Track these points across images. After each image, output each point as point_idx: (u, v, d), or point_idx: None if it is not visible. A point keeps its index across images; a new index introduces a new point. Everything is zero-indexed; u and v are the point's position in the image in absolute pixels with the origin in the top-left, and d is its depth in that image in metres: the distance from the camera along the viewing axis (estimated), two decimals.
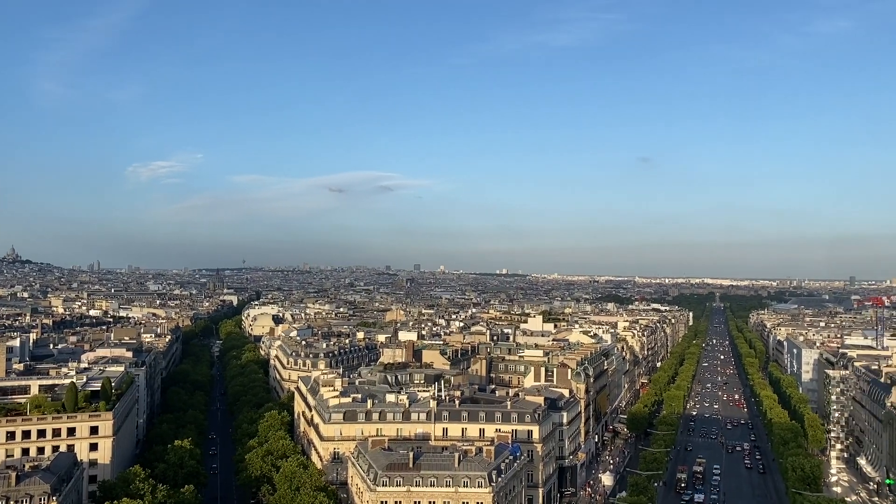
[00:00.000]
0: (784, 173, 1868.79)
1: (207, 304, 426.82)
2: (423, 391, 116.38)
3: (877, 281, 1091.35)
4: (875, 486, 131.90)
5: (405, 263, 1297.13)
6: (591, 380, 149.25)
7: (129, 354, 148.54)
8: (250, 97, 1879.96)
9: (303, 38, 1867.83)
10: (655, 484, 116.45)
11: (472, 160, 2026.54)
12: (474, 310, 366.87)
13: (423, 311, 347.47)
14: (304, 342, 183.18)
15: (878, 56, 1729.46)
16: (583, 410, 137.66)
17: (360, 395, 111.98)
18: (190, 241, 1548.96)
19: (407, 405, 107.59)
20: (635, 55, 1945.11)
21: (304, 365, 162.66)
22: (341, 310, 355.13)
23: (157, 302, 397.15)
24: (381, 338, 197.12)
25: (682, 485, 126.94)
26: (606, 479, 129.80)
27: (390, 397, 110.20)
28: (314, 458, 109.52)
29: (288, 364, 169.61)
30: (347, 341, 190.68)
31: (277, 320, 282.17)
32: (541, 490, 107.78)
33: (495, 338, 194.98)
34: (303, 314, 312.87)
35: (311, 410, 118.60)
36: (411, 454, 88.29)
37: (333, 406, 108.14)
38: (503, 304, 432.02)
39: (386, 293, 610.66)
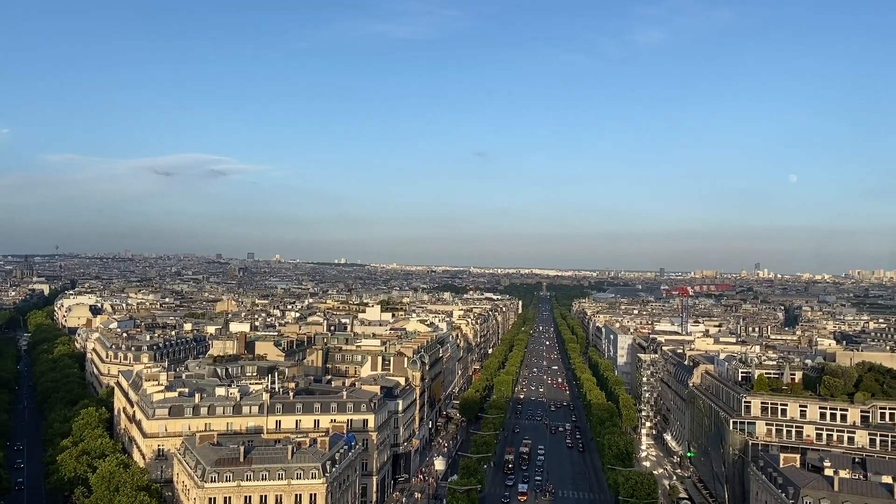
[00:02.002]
0: (604, 172, 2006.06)
1: (14, 293, 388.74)
2: (256, 384, 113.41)
3: (682, 272, 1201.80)
4: (678, 458, 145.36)
5: (238, 251, 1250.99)
6: (427, 367, 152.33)
7: None
8: (65, 70, 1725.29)
9: (126, 9, 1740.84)
10: (485, 466, 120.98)
11: (311, 147, 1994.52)
12: (311, 300, 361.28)
13: (257, 301, 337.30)
14: (125, 334, 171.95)
15: (687, 66, 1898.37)
16: (418, 398, 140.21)
17: (187, 390, 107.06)
18: None
19: (238, 398, 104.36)
20: (471, 52, 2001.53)
21: (126, 358, 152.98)
22: (167, 300, 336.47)
23: None
24: (211, 329, 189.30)
25: (510, 466, 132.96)
26: (439, 464, 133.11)
27: (220, 391, 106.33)
28: (136, 456, 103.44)
29: (107, 358, 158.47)
30: (174, 333, 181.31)
31: (95, 311, 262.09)
32: (375, 478, 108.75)
33: (332, 328, 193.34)
34: (124, 304, 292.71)
35: (132, 406, 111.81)
36: (242, 448, 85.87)
37: (158, 401, 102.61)
38: (341, 294, 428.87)
39: (216, 282, 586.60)
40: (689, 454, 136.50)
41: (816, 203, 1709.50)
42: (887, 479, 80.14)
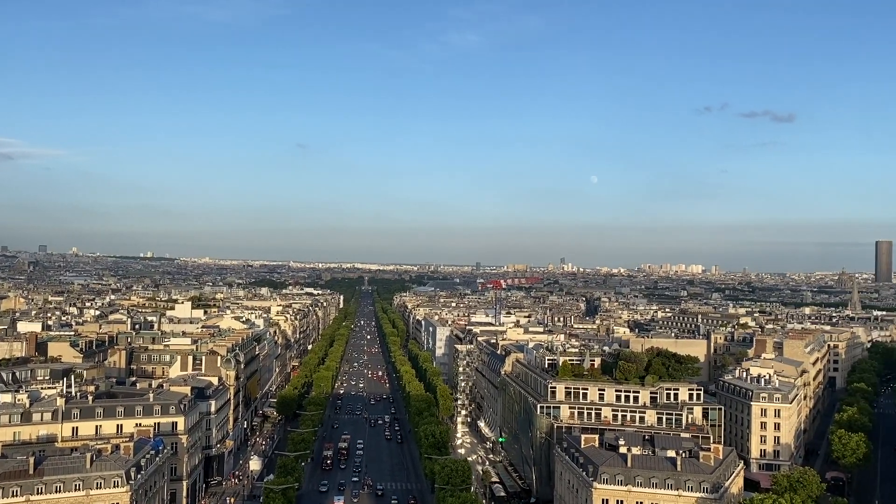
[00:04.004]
0: (424, 168, 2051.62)
1: None
2: (49, 388, 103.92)
3: (497, 266, 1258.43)
4: (491, 444, 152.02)
5: (28, 244, 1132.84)
6: (242, 366, 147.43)
7: None
8: None
9: None
10: (303, 464, 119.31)
11: (114, 132, 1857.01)
12: (113, 296, 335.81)
13: (50, 298, 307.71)
14: None
15: (500, 69, 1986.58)
16: (232, 397, 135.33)
17: None
18: None
19: (27, 405, 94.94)
20: (291, 41, 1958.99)
21: None
22: None
23: None
24: None
25: (329, 462, 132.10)
26: (254, 464, 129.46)
27: (4, 397, 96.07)
28: None
29: None
30: None
31: None
32: (185, 483, 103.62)
33: (138, 326, 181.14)
34: None
35: None
36: (32, 459, 78.32)
37: None
38: (148, 290, 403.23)
39: (2, 278, 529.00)
40: (500, 439, 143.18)
41: (614, 203, 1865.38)
42: (671, 454, 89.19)
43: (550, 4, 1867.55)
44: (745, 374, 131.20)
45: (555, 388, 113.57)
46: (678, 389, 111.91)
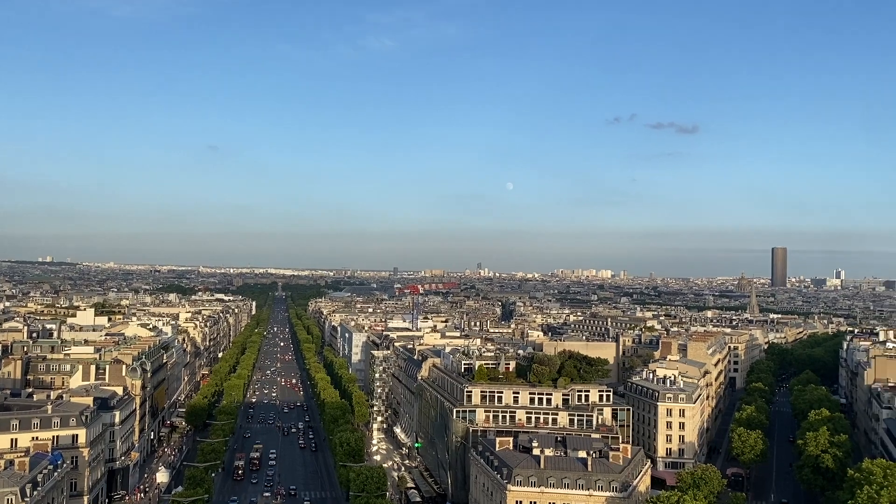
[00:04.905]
0: (340, 171, 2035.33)
1: None
2: None
3: (414, 271, 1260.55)
4: (407, 450, 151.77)
5: None
6: (149, 375, 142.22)
7: None
8: None
9: None
10: (213, 474, 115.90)
11: (10, 129, 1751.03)
12: (8, 303, 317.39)
13: None
14: None
15: (417, 74, 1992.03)
16: (138, 407, 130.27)
17: None
18: None
19: None
20: (200, 39, 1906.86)
21: None
22: None
23: None
24: None
25: (240, 472, 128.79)
26: (161, 477, 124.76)
27: None
28: None
29: None
30: None
31: None
32: (86, 498, 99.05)
33: (35, 334, 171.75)
34: None
35: None
36: None
37: None
38: (46, 297, 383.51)
39: None
40: (416, 445, 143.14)
41: (529, 209, 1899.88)
42: (582, 454, 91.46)
43: (467, 14, 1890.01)
44: (651, 375, 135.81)
45: (471, 392, 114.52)
46: (589, 391, 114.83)
